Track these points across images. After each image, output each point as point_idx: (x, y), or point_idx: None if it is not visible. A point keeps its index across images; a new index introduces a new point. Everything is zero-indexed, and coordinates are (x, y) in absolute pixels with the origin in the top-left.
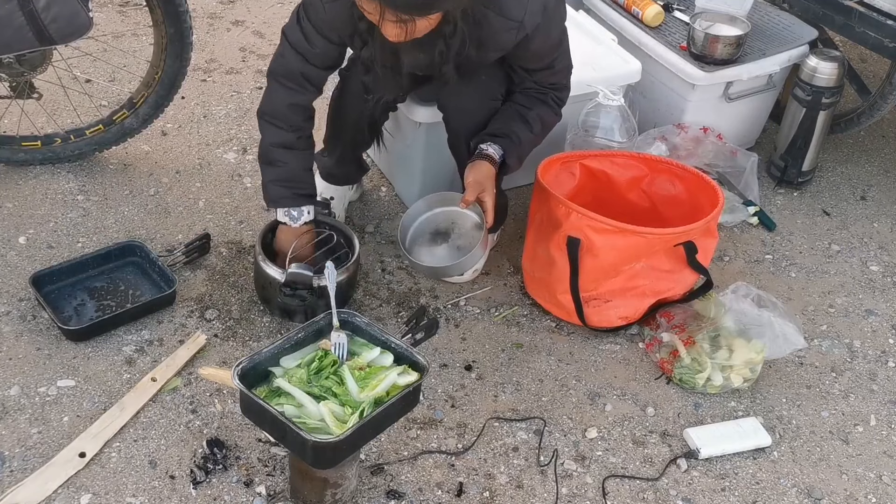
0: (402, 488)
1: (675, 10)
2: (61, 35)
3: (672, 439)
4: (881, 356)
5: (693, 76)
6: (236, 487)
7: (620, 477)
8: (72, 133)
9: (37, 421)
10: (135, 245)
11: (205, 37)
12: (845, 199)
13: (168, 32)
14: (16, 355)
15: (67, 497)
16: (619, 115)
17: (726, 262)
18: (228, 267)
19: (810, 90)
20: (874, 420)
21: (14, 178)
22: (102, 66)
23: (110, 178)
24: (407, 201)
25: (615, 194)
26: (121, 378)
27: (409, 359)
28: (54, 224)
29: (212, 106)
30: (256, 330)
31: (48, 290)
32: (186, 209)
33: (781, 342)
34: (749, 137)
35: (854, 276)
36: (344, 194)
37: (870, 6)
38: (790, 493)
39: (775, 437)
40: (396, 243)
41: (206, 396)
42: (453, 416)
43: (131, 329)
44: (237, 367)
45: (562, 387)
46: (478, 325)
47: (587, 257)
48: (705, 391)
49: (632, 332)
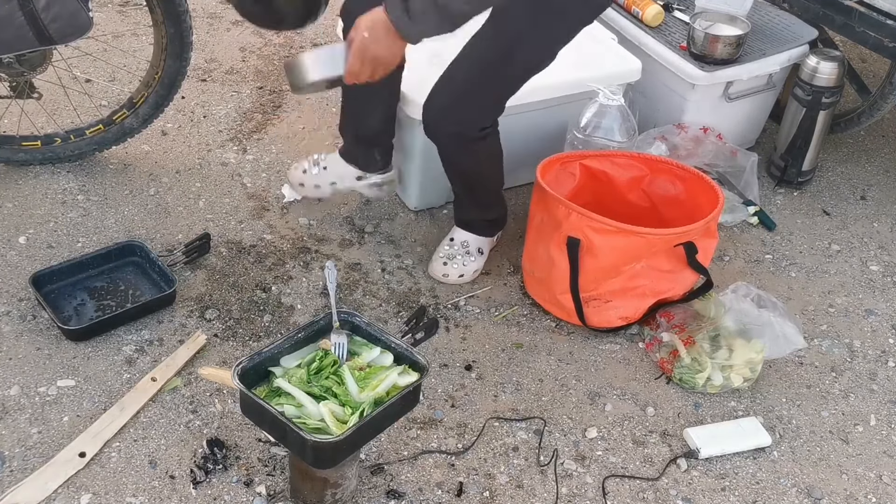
0: (402, 488)
1: (675, 9)
2: (61, 35)
3: (672, 439)
4: (881, 356)
5: (693, 76)
6: (236, 487)
7: (620, 477)
8: (72, 133)
9: (37, 421)
10: (135, 245)
11: (205, 37)
12: (845, 199)
13: (168, 32)
14: (16, 355)
15: (67, 497)
16: (619, 115)
17: (726, 262)
18: (228, 267)
19: (810, 90)
20: (874, 420)
21: (14, 178)
22: (102, 66)
23: (110, 178)
24: (406, 201)
25: (615, 194)
26: (121, 378)
27: (409, 359)
28: (54, 224)
29: (212, 106)
30: (256, 330)
31: (48, 289)
32: (186, 209)
33: (781, 342)
34: (749, 137)
35: (854, 276)
36: (349, 173)
37: (870, 6)
38: (790, 492)
39: (775, 436)
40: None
41: (206, 396)
42: (453, 416)
43: (131, 329)
44: (237, 366)
45: (562, 387)
46: (478, 325)
47: (587, 257)
48: (705, 391)
49: (632, 332)
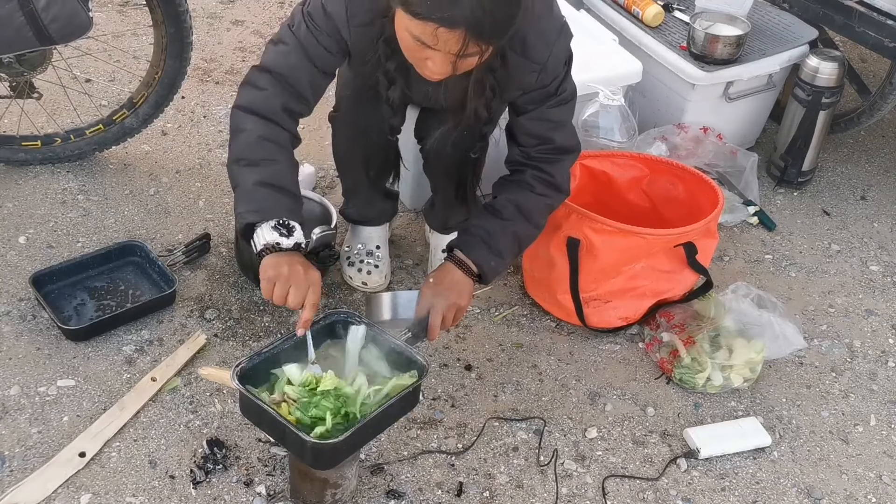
0: (402, 488)
1: (675, 10)
2: (61, 35)
3: (672, 439)
4: (881, 356)
5: (693, 76)
6: (236, 487)
7: (620, 477)
8: (72, 133)
9: (37, 421)
10: (135, 245)
11: (205, 37)
12: (845, 199)
13: (168, 32)
14: (16, 355)
15: (67, 497)
16: (619, 115)
17: (726, 262)
18: (228, 267)
19: (810, 90)
20: (874, 420)
21: (14, 178)
22: (102, 66)
23: (110, 178)
24: (404, 201)
25: (615, 195)
26: (121, 378)
27: (409, 359)
28: (54, 224)
29: (212, 106)
30: (256, 330)
31: (48, 289)
32: (186, 209)
33: (781, 342)
34: (749, 137)
35: (854, 276)
36: (385, 234)
37: (870, 6)
38: (790, 492)
39: (775, 437)
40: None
41: (206, 396)
42: (453, 416)
43: (131, 329)
44: (237, 367)
45: (562, 387)
46: (478, 325)
47: (587, 258)
48: (705, 391)
49: (632, 332)
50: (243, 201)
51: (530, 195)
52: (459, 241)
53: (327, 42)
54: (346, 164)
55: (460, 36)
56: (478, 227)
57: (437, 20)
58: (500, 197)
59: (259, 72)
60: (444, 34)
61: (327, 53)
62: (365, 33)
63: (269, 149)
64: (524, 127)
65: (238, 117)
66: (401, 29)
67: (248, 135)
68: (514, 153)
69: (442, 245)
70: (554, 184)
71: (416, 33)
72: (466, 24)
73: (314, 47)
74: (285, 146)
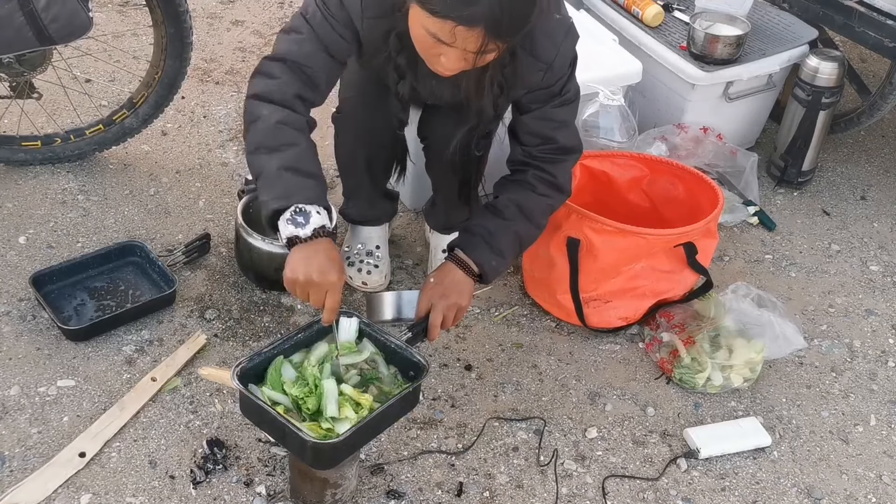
0: (402, 488)
1: (675, 10)
2: (61, 35)
3: (672, 439)
4: (881, 356)
5: (693, 76)
6: (236, 487)
7: (620, 477)
8: (72, 133)
9: (37, 421)
10: (135, 245)
11: (205, 37)
12: (845, 199)
13: (168, 32)
14: (16, 355)
15: (67, 497)
16: (619, 115)
17: (726, 262)
18: (228, 267)
19: (810, 90)
20: (874, 420)
21: (14, 178)
22: (102, 66)
23: (110, 178)
24: (405, 201)
25: (615, 195)
26: (121, 378)
27: (409, 359)
28: (54, 224)
29: (212, 106)
30: (256, 330)
31: (48, 290)
32: (186, 209)
33: (781, 342)
34: (749, 137)
35: (854, 276)
36: (385, 234)
37: (870, 6)
38: (790, 492)
39: (775, 437)
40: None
41: (206, 396)
42: (453, 416)
43: (131, 329)
44: (237, 367)
45: (562, 387)
46: (478, 325)
47: (587, 258)
48: (705, 391)
49: (632, 332)
50: (267, 188)
51: (532, 195)
52: (460, 241)
53: (342, 30)
54: (348, 165)
55: (479, 34)
56: (479, 227)
57: (456, 18)
58: (501, 197)
59: (272, 61)
60: (463, 32)
61: (342, 41)
62: (377, 26)
63: (288, 133)
64: (527, 126)
65: (253, 106)
66: (416, 25)
67: (265, 122)
68: (517, 152)
69: (442, 245)
70: (556, 184)
71: (433, 30)
72: (485, 22)
73: (329, 34)
74: (303, 129)
